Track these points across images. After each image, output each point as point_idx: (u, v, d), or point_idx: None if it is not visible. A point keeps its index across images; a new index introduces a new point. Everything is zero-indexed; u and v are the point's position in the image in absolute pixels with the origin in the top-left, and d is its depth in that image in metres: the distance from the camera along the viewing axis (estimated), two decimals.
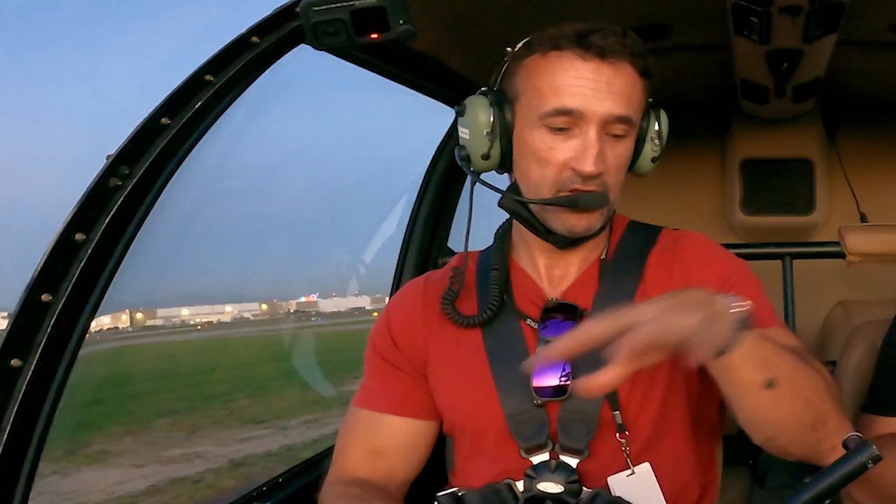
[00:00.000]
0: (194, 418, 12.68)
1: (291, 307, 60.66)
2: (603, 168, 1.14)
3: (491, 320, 1.24)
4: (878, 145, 2.46)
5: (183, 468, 8.95)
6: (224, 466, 9.01)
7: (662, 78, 1.24)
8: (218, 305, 58.23)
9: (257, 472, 8.64)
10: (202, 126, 1.26)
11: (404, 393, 1.29)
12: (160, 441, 10.72)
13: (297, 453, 9.48)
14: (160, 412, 12.64)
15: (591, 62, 1.13)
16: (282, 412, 12.43)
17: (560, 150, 1.14)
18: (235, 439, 10.55)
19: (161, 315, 50.35)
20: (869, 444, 0.96)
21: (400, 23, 1.39)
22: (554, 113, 1.13)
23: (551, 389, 1.18)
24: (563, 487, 1.14)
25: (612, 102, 1.13)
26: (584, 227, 1.18)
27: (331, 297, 58.36)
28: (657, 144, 1.22)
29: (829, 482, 0.96)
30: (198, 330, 45.26)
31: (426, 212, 2.32)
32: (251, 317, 57.94)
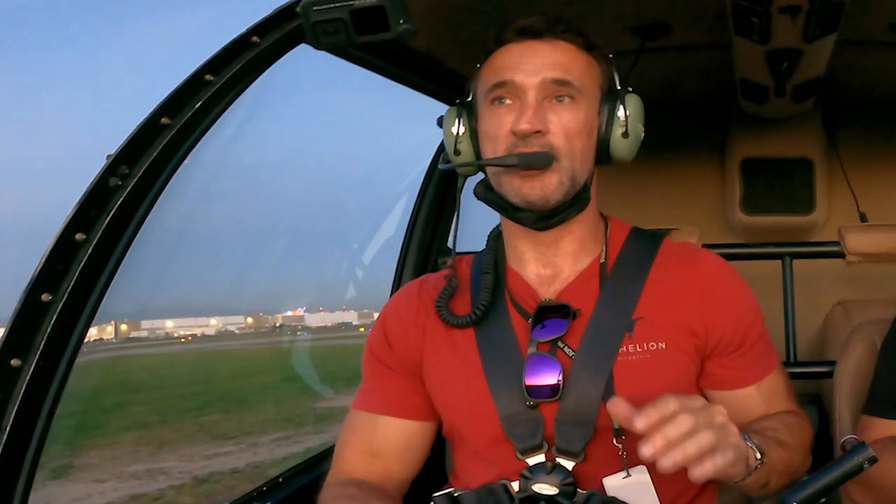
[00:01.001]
0: (164, 433, 12.57)
1: (277, 321, 60.43)
2: (542, 127, 1.16)
3: (482, 321, 1.24)
4: (877, 145, 2.46)
5: (144, 484, 8.88)
6: (187, 483, 8.93)
7: (662, 78, 1.25)
8: (202, 318, 57.83)
9: (219, 489, 8.58)
10: (202, 126, 1.26)
11: (400, 395, 1.30)
12: (125, 456, 10.60)
13: (263, 471, 9.36)
14: (129, 426, 12.54)
15: (526, 42, 1.20)
16: (253, 428, 12.32)
17: (503, 121, 1.18)
18: (202, 455, 10.45)
19: (145, 327, 50.10)
20: (865, 445, 0.99)
21: (400, 22, 1.39)
22: (493, 87, 1.19)
23: (547, 389, 1.18)
24: (558, 489, 1.14)
25: (546, 69, 1.18)
26: (539, 195, 1.17)
27: (318, 312, 58.25)
28: (624, 121, 1.21)
29: (826, 481, 0.99)
30: (181, 343, 45.04)
31: (426, 212, 2.32)
32: (236, 330, 57.34)
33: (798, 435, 1.24)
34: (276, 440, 11.17)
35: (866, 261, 1.96)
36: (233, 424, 12.99)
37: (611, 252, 1.28)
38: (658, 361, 1.20)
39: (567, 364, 1.19)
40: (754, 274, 1.46)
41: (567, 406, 1.18)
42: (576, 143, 1.18)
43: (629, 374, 1.18)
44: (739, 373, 1.24)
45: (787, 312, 1.98)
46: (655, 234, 1.33)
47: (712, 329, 1.22)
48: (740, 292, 1.27)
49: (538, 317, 1.22)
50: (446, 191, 2.34)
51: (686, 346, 1.22)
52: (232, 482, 8.92)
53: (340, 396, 14.90)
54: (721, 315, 1.23)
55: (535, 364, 1.19)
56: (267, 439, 11.29)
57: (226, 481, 8.99)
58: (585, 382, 1.18)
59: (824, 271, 2.31)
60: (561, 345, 1.20)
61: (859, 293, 2.36)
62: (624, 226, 1.32)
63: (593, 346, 1.20)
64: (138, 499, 8.37)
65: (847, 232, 1.96)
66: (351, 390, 16.11)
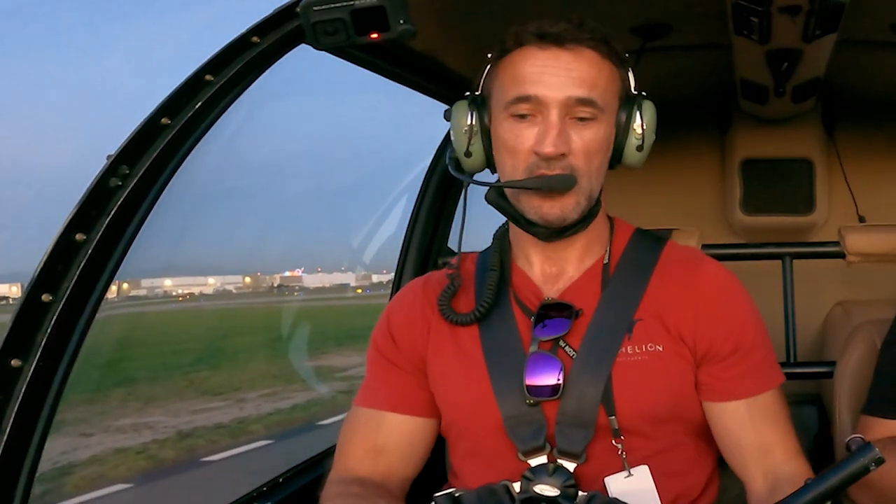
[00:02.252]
0: (153, 389, 12.70)
1: (275, 281, 60.35)
2: (566, 150, 1.15)
3: (486, 318, 1.24)
4: (877, 145, 2.46)
5: (129, 438, 8.99)
6: (171, 437, 9.05)
7: (662, 78, 1.25)
8: (200, 277, 57.53)
9: (201, 443, 8.68)
10: (202, 126, 1.26)
11: (405, 391, 1.30)
12: (113, 411, 10.71)
13: (247, 426, 9.54)
14: (121, 382, 12.60)
15: (549, 50, 1.17)
16: (241, 385, 12.45)
17: (525, 136, 1.17)
18: (188, 411, 10.56)
19: (145, 285, 49.74)
20: (871, 445, 0.96)
21: (400, 22, 1.39)
22: (515, 101, 1.17)
23: (548, 389, 1.18)
24: (560, 491, 1.14)
25: (571, 85, 1.15)
26: (558, 215, 1.18)
27: (316, 273, 58.14)
28: (640, 135, 1.22)
29: (831, 484, 0.95)
30: (178, 301, 44.97)
31: (426, 212, 2.32)
32: (234, 289, 57.09)
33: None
34: (263, 396, 11.30)
35: (866, 261, 1.96)
36: (222, 380, 13.12)
37: (614, 253, 1.28)
38: (655, 363, 1.20)
39: (568, 363, 1.19)
40: (754, 274, 1.46)
41: (567, 407, 1.18)
42: (594, 161, 1.19)
43: (627, 375, 1.19)
44: (727, 384, 1.22)
45: (787, 312, 1.98)
46: (659, 235, 1.33)
47: (701, 337, 1.22)
48: (737, 304, 1.26)
49: (540, 315, 1.22)
50: (446, 191, 2.34)
51: (682, 351, 1.22)
52: (215, 437, 9.05)
53: (329, 356, 15.20)
54: (712, 324, 1.22)
55: (536, 363, 1.19)
56: (254, 395, 11.43)
57: (209, 436, 9.10)
58: (586, 383, 1.18)
59: (824, 271, 2.31)
60: (562, 344, 1.21)
61: (859, 293, 2.35)
62: (628, 227, 1.33)
63: (594, 347, 1.20)
64: (122, 452, 8.44)
65: (847, 232, 1.96)
66: (340, 350, 15.75)
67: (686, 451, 1.25)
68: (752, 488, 1.22)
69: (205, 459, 7.99)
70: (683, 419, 1.24)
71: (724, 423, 1.23)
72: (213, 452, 8.25)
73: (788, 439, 1.23)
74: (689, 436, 1.25)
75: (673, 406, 1.22)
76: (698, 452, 1.27)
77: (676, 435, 1.23)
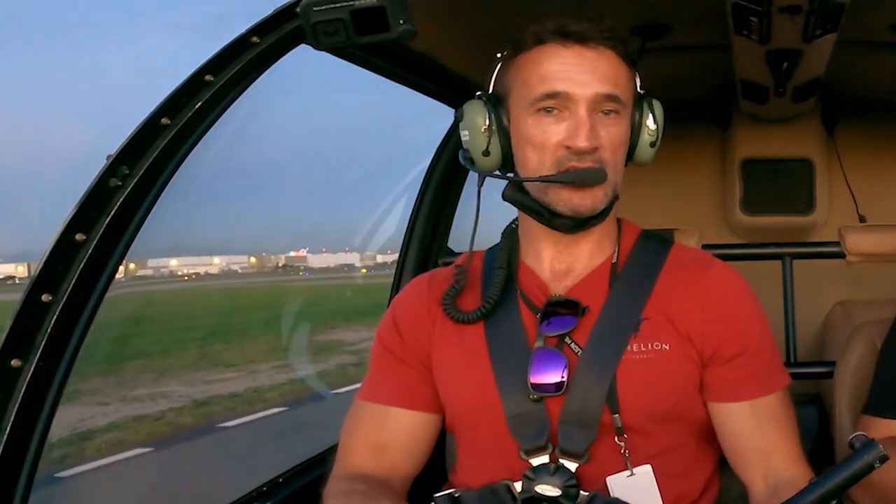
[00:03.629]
0: (167, 361, 12.85)
1: (280, 261, 60.31)
2: (597, 143, 1.17)
3: (491, 315, 1.24)
4: (877, 145, 2.46)
5: (146, 407, 9.12)
6: (187, 406, 9.18)
7: (662, 78, 1.25)
8: (206, 257, 57.35)
9: (218, 410, 8.80)
10: (202, 126, 1.26)
11: (409, 386, 1.30)
12: (128, 382, 10.87)
13: (262, 394, 9.66)
14: (134, 355, 12.74)
15: (573, 48, 1.18)
16: (254, 356, 12.63)
17: (553, 132, 1.18)
18: (203, 381, 10.70)
19: (151, 265, 49.76)
20: (875, 443, 0.95)
21: (400, 23, 1.39)
22: (543, 97, 1.18)
23: (552, 385, 1.19)
24: (561, 491, 1.14)
25: (597, 82, 1.17)
26: (589, 206, 1.19)
27: (321, 253, 58.17)
28: (654, 131, 1.25)
29: (836, 482, 0.95)
30: (185, 281, 44.99)
31: (426, 212, 2.32)
32: (239, 269, 57.10)
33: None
34: (275, 367, 11.45)
35: (866, 261, 1.96)
36: (234, 353, 13.35)
37: (622, 253, 1.29)
38: (661, 362, 1.20)
39: (574, 360, 1.20)
40: (754, 274, 1.46)
41: (571, 405, 1.18)
42: (619, 155, 1.21)
43: (632, 373, 1.19)
44: (733, 385, 1.22)
45: (787, 312, 1.98)
46: (664, 237, 1.34)
47: (709, 337, 1.22)
48: (746, 305, 1.26)
49: (547, 312, 1.22)
50: (446, 190, 2.34)
51: (688, 351, 1.22)
52: (231, 404, 9.20)
53: (338, 330, 15.49)
54: (720, 325, 1.22)
55: (541, 358, 1.20)
56: (267, 367, 11.60)
57: (225, 403, 9.25)
58: (591, 380, 1.18)
59: (824, 271, 2.31)
60: (568, 341, 1.21)
61: (859, 293, 2.36)
62: (635, 227, 1.34)
63: (600, 344, 1.20)
64: (140, 419, 8.56)
65: (847, 232, 1.96)
66: (348, 325, 16.00)
67: (687, 452, 1.25)
68: (754, 491, 1.22)
69: (222, 425, 8.11)
70: (686, 419, 1.24)
71: (727, 424, 1.23)
72: (231, 419, 8.38)
73: (791, 443, 1.23)
74: (690, 436, 1.25)
75: (676, 405, 1.22)
76: (699, 453, 1.27)
77: (678, 435, 1.23)
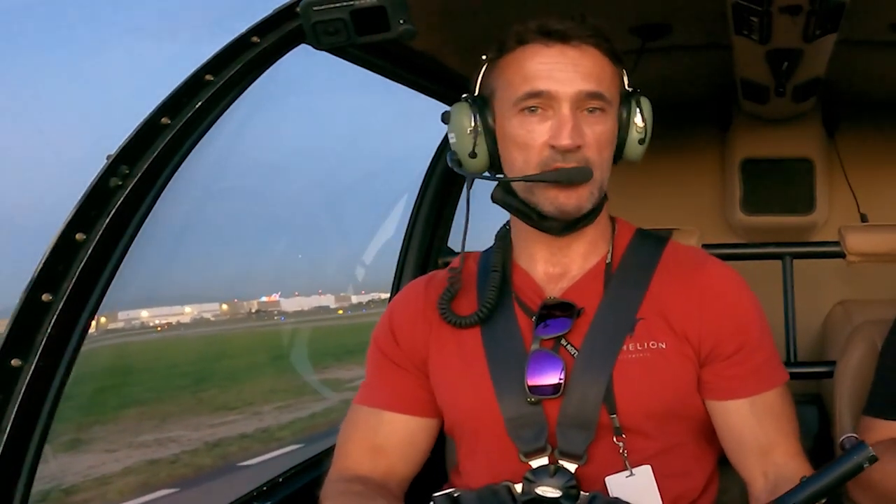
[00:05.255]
0: (164, 407, 12.84)
1: (253, 307, 60.15)
2: (581, 142, 1.16)
3: (488, 319, 1.24)
4: (878, 145, 2.46)
5: (156, 452, 9.13)
6: (200, 448, 9.20)
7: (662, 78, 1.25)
8: (177, 307, 57.35)
9: (234, 450, 8.82)
10: (202, 126, 1.26)
11: (405, 390, 1.30)
12: (130, 429, 10.88)
13: (273, 434, 9.68)
14: (128, 403, 12.76)
15: (555, 47, 1.18)
16: (253, 399, 12.65)
17: (537, 131, 1.17)
18: (207, 425, 10.76)
19: (122, 318, 49.90)
20: (865, 444, 0.97)
21: (400, 23, 1.39)
22: (526, 97, 1.17)
23: (549, 387, 1.19)
24: (561, 492, 1.14)
25: (580, 80, 1.17)
26: (575, 205, 1.19)
27: (293, 297, 58.13)
28: (642, 128, 1.24)
29: (826, 482, 0.97)
30: (157, 331, 45.09)
31: (426, 212, 2.32)
32: (211, 317, 56.51)
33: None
34: (278, 408, 11.48)
35: (866, 261, 1.96)
36: (231, 397, 13.33)
37: (616, 252, 1.28)
38: (658, 361, 1.20)
39: (570, 362, 1.20)
40: (754, 274, 1.46)
41: (569, 407, 1.18)
42: (605, 153, 1.21)
43: (629, 373, 1.19)
44: (731, 383, 1.22)
45: (787, 312, 1.98)
46: (660, 235, 1.33)
47: (707, 336, 1.22)
48: (742, 302, 1.26)
49: (542, 315, 1.22)
50: (446, 191, 2.34)
51: (685, 350, 1.22)
52: (245, 444, 9.24)
53: (332, 369, 15.37)
54: (717, 322, 1.22)
55: (538, 360, 1.20)
56: (269, 408, 11.61)
57: (238, 444, 9.28)
58: (588, 381, 1.18)
59: (824, 271, 2.31)
60: (564, 343, 1.21)
61: (859, 293, 2.36)
62: (629, 226, 1.33)
63: (596, 345, 1.20)
64: (155, 463, 8.58)
65: (847, 232, 1.96)
66: (341, 364, 15.83)
67: (687, 452, 1.25)
68: (754, 487, 1.22)
69: (242, 464, 8.13)
70: (684, 418, 1.24)
71: (726, 421, 1.23)
72: (249, 458, 8.40)
73: (791, 438, 1.23)
74: (689, 436, 1.25)
75: (674, 403, 1.22)
76: (699, 453, 1.27)
77: (677, 435, 1.23)
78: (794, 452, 1.22)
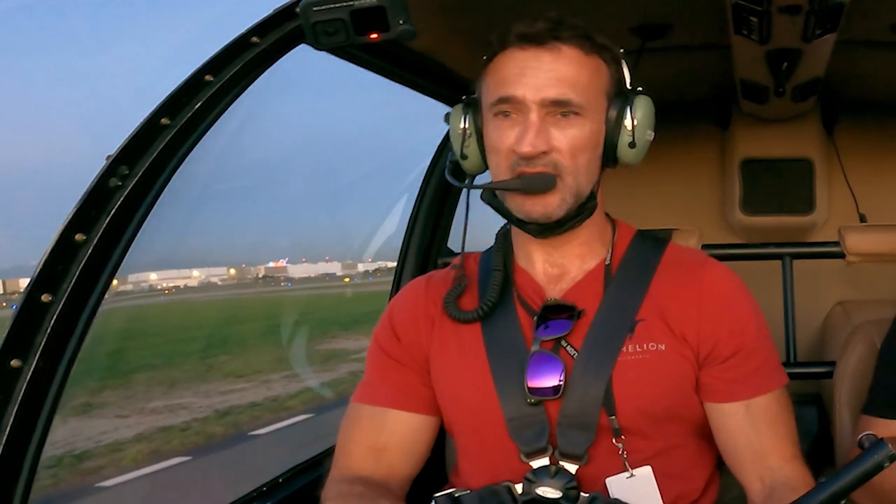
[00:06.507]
0: (174, 373, 12.92)
1: (260, 272, 60.05)
2: (546, 147, 1.15)
3: (489, 317, 1.24)
4: (877, 145, 2.46)
5: (167, 418, 9.17)
6: (210, 416, 9.21)
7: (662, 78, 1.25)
8: (185, 270, 57.08)
9: (245, 419, 8.78)
10: (202, 126, 1.26)
11: (407, 387, 1.30)
12: (140, 394, 10.90)
13: (282, 403, 9.69)
14: (137, 368, 12.78)
15: (529, 50, 1.17)
16: (262, 367, 12.67)
17: (506, 136, 1.18)
18: (217, 392, 10.77)
19: (131, 280, 49.90)
20: (884, 442, 0.94)
21: (400, 23, 1.39)
22: (497, 101, 1.18)
23: (549, 389, 1.19)
24: (562, 493, 1.14)
25: (549, 86, 1.15)
26: (541, 213, 1.18)
27: (301, 263, 58.01)
28: (631, 131, 1.20)
29: (845, 482, 0.94)
30: (166, 294, 45.16)
31: (426, 212, 2.32)
32: (219, 281, 56.84)
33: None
34: (286, 377, 11.48)
35: (866, 261, 1.96)
36: (240, 364, 13.39)
37: (616, 254, 1.28)
38: (657, 362, 1.20)
39: (570, 363, 1.20)
40: (754, 274, 1.46)
41: (569, 408, 1.18)
42: (580, 158, 1.18)
43: (628, 374, 1.19)
44: (728, 386, 1.22)
45: (787, 312, 1.98)
46: (660, 237, 1.33)
47: (705, 338, 1.22)
48: (741, 305, 1.25)
49: (543, 316, 1.22)
50: (446, 191, 2.34)
51: (684, 351, 1.22)
52: (255, 413, 9.27)
53: (339, 339, 15.41)
54: (716, 325, 1.22)
55: (538, 362, 1.20)
56: (278, 376, 11.61)
57: (248, 412, 9.30)
58: (587, 384, 1.18)
59: (824, 271, 2.31)
60: (564, 344, 1.21)
61: (859, 293, 2.36)
62: (630, 228, 1.33)
63: (596, 347, 1.20)
64: (167, 430, 8.60)
65: (847, 232, 1.96)
66: (347, 334, 15.91)
67: (687, 452, 1.25)
68: (750, 491, 1.22)
69: (253, 433, 8.15)
70: (684, 419, 1.24)
71: (723, 424, 1.23)
72: (259, 427, 8.43)
73: (786, 442, 1.22)
74: (689, 436, 1.25)
75: (673, 404, 1.22)
76: (699, 453, 1.27)
77: (677, 436, 1.23)
78: (791, 457, 1.21)
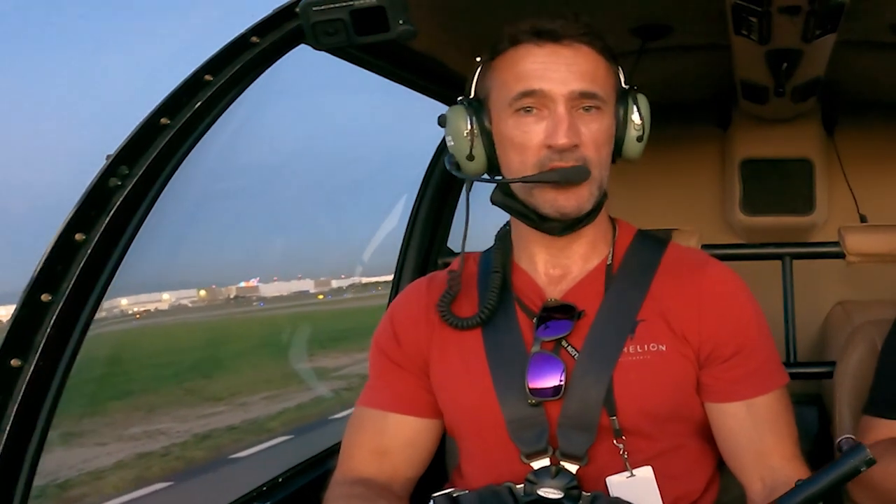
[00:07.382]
0: (151, 399, 12.80)
1: (231, 293, 59.71)
2: (578, 140, 1.16)
3: (489, 321, 1.24)
4: (877, 145, 2.46)
5: (145, 444, 9.12)
6: (189, 441, 9.16)
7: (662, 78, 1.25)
8: (154, 294, 56.80)
9: (225, 442, 8.78)
10: (202, 126, 1.26)
11: (409, 391, 1.29)
12: (119, 421, 10.81)
13: (262, 425, 9.67)
14: (114, 395, 12.64)
15: (547, 47, 1.18)
16: (239, 389, 12.59)
17: (534, 132, 1.17)
18: (195, 416, 10.71)
19: (103, 307, 49.99)
20: (863, 447, 0.95)
21: (400, 23, 1.39)
22: (520, 96, 1.17)
23: (549, 389, 1.19)
24: (563, 493, 1.14)
25: (574, 80, 1.16)
26: (574, 206, 1.18)
27: (272, 282, 57.78)
28: (640, 126, 1.23)
29: (822, 485, 0.96)
30: (137, 318, 45.03)
31: (426, 212, 2.32)
32: (189, 304, 55.89)
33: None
34: (266, 398, 11.39)
35: (866, 261, 1.96)
36: (218, 387, 13.23)
37: (617, 254, 1.28)
38: (658, 362, 1.20)
39: (571, 364, 1.19)
40: (754, 274, 1.46)
41: (570, 408, 1.18)
42: (603, 151, 1.20)
43: (629, 375, 1.19)
44: (729, 386, 1.22)
45: (787, 312, 1.98)
46: (660, 237, 1.33)
47: (706, 338, 1.22)
48: (742, 305, 1.25)
49: (543, 317, 1.22)
50: (446, 191, 2.34)
51: (685, 351, 1.22)
52: (235, 436, 9.21)
53: (318, 358, 15.04)
54: (716, 325, 1.22)
55: (539, 362, 1.19)
56: (256, 398, 11.53)
57: (227, 436, 9.24)
58: (588, 383, 1.18)
59: (824, 271, 2.31)
60: (565, 344, 1.21)
61: (859, 293, 2.36)
62: (630, 228, 1.33)
63: (597, 347, 1.20)
64: (146, 456, 8.53)
65: (847, 232, 1.96)
66: (326, 352, 15.52)
67: (687, 453, 1.25)
68: (751, 491, 1.22)
69: (234, 456, 8.11)
70: (685, 419, 1.24)
71: (724, 424, 1.23)
72: (240, 450, 8.37)
73: (787, 442, 1.22)
74: (690, 437, 1.25)
75: (674, 405, 1.22)
76: (700, 454, 1.27)
77: (678, 436, 1.23)
78: (791, 456, 1.21)
